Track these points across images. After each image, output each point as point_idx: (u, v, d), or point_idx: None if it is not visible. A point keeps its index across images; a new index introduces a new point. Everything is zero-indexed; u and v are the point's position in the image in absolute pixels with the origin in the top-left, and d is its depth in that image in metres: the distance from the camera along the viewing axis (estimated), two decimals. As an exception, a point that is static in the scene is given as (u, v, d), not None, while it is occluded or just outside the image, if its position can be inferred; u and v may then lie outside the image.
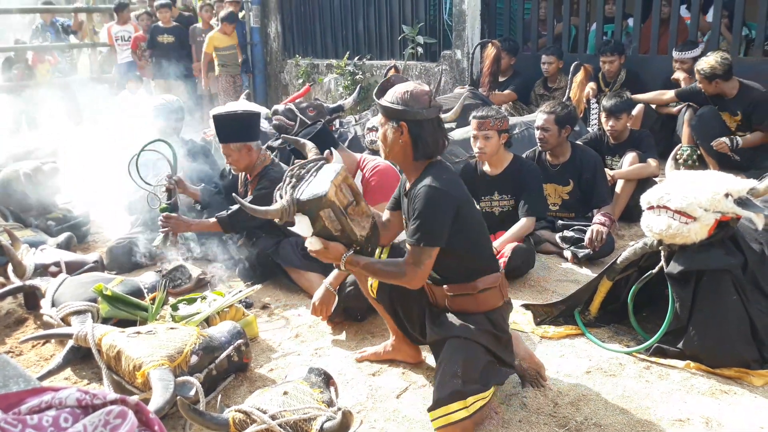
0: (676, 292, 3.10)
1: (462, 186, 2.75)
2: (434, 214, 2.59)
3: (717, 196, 2.98)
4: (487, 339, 2.71)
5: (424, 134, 2.67)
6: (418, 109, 2.65)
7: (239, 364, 3.10)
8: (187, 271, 4.25)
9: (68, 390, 1.19)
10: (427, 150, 2.70)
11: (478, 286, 2.74)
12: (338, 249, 2.71)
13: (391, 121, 2.69)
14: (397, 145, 2.70)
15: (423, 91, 2.69)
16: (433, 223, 2.60)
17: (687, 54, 6.26)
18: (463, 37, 8.30)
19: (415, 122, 2.66)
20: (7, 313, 3.93)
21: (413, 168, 2.75)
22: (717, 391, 2.88)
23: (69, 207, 5.50)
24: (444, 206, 2.60)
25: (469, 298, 2.77)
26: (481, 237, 2.81)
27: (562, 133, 4.68)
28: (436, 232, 2.60)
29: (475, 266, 2.76)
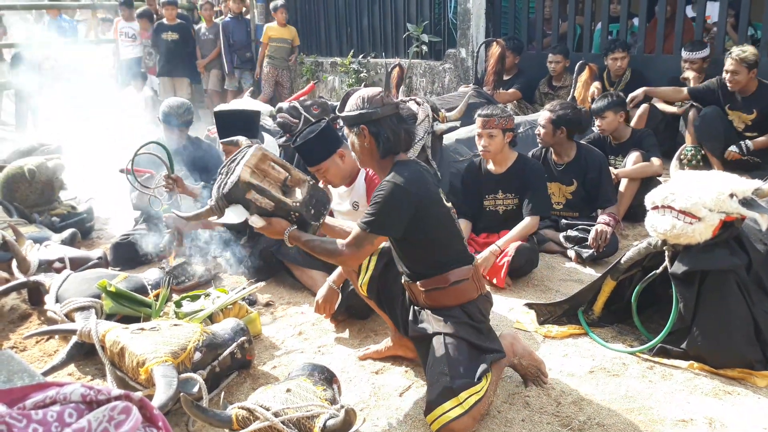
0: (680, 292, 3.09)
1: (425, 184, 2.79)
2: (387, 206, 2.68)
3: (722, 197, 2.97)
4: (467, 331, 2.76)
5: (383, 131, 2.78)
6: (373, 109, 2.78)
7: (242, 361, 3.10)
8: (191, 268, 4.26)
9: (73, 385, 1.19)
10: (389, 145, 2.80)
11: (450, 279, 2.81)
12: (280, 224, 2.82)
13: (353, 128, 2.82)
14: (364, 149, 2.84)
15: (375, 92, 2.83)
16: (384, 213, 2.68)
17: (697, 54, 6.24)
18: (468, 35, 8.29)
19: (372, 122, 2.78)
20: (11, 309, 3.94)
21: (383, 168, 2.85)
22: (720, 392, 2.88)
23: (73, 203, 5.51)
24: (399, 200, 2.68)
25: (442, 292, 2.82)
26: (447, 233, 2.86)
27: (557, 134, 4.67)
28: (385, 222, 2.69)
29: (443, 259, 2.83)
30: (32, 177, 5.13)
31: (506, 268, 4.03)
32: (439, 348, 2.71)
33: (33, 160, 5.32)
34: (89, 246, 5.09)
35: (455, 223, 2.91)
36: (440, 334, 2.75)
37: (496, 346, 2.81)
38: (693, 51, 6.26)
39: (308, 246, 2.80)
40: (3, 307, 3.93)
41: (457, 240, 2.90)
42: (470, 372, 2.64)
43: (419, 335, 2.86)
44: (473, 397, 2.58)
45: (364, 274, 3.04)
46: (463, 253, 2.91)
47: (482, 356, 2.73)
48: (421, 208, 2.72)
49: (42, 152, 6.03)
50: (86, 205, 5.59)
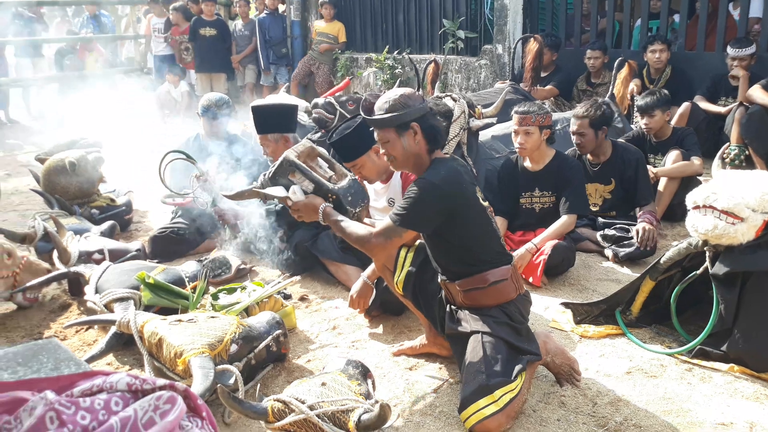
0: (721, 293, 3.03)
1: (461, 183, 2.77)
2: (419, 202, 2.68)
3: (766, 197, 2.90)
4: (506, 331, 2.74)
5: (434, 124, 2.81)
6: (420, 104, 2.77)
7: (277, 354, 3.12)
8: (227, 261, 4.29)
9: (119, 374, 1.21)
10: (440, 138, 2.83)
11: (489, 279, 2.79)
12: (316, 201, 2.92)
13: (401, 129, 2.76)
14: (412, 148, 2.79)
15: (410, 90, 2.83)
16: (415, 209, 2.69)
17: (744, 51, 6.11)
18: (505, 31, 8.23)
19: (422, 118, 2.77)
20: (52, 299, 4.02)
21: (421, 166, 2.84)
22: (762, 396, 2.82)
23: (112, 196, 5.59)
24: (431, 197, 2.68)
25: (481, 292, 2.80)
26: (484, 232, 2.84)
27: (600, 135, 4.60)
28: (415, 218, 2.71)
29: (480, 259, 2.81)
30: (73, 169, 5.21)
31: (542, 267, 4.00)
32: (476, 346, 2.70)
33: (74, 153, 5.41)
34: (128, 238, 5.17)
35: (492, 222, 2.89)
36: (478, 333, 2.73)
37: (533, 348, 2.78)
38: (740, 48, 6.13)
39: (339, 226, 2.84)
40: (44, 297, 4.01)
41: (495, 239, 2.88)
42: (507, 371, 2.63)
43: (456, 333, 2.85)
44: (508, 395, 2.57)
45: (400, 272, 3.02)
46: (501, 252, 2.89)
47: (519, 356, 2.71)
48: (456, 206, 2.72)
49: (82, 145, 6.12)
50: (125, 197, 5.67)
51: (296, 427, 2.40)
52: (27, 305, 3.84)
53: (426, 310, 3.07)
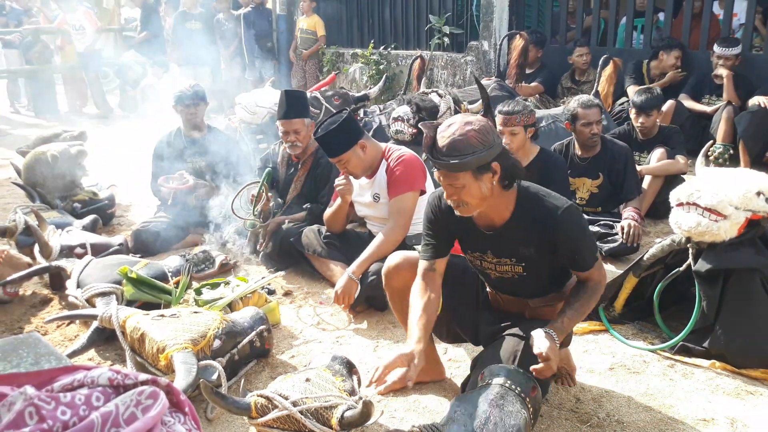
0: (704, 290, 3.06)
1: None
2: (587, 231, 2.50)
3: (748, 194, 2.94)
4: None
5: (512, 160, 2.39)
6: (498, 140, 2.33)
7: (261, 350, 3.11)
8: (211, 256, 4.27)
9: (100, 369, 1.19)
10: (520, 171, 2.42)
11: (565, 293, 2.57)
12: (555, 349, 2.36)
13: (479, 171, 2.29)
14: (486, 191, 2.34)
15: (485, 120, 2.36)
16: (592, 237, 2.53)
17: (731, 50, 6.16)
18: (491, 28, 8.24)
19: (502, 155, 2.33)
20: (33, 293, 3.98)
21: (504, 201, 2.43)
22: (743, 392, 2.85)
23: (95, 189, 5.54)
24: (583, 217, 2.51)
25: (552, 308, 2.60)
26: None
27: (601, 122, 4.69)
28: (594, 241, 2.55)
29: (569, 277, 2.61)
30: (55, 163, 5.17)
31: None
32: (509, 348, 2.44)
33: (56, 147, 5.36)
34: (110, 232, 5.13)
35: None
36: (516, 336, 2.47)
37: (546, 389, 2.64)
38: (727, 47, 6.17)
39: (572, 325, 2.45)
40: (25, 292, 3.97)
41: None
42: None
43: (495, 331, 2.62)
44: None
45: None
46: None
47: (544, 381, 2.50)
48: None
49: (65, 138, 6.06)
50: (108, 191, 5.62)
51: (279, 423, 2.39)
52: (7, 300, 3.80)
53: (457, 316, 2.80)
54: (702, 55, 6.64)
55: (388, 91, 9.00)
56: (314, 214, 4.37)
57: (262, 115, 6.45)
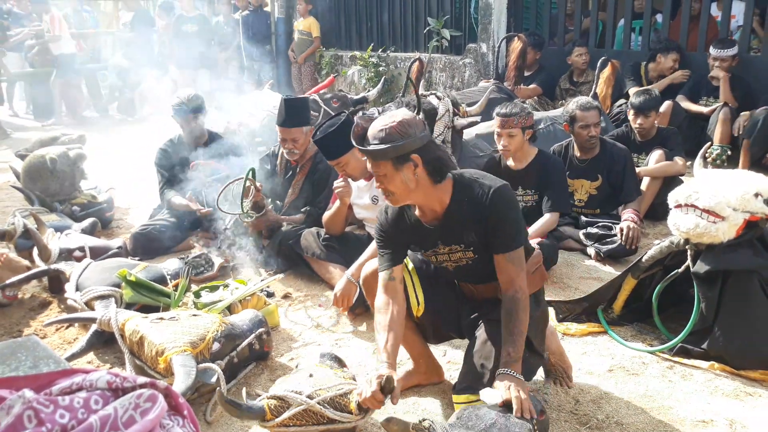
0: (702, 292, 3.06)
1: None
2: (516, 210, 2.49)
3: (746, 196, 2.94)
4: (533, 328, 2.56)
5: (437, 153, 2.46)
6: (421, 133, 2.40)
7: (260, 352, 3.11)
8: (210, 258, 4.27)
9: (99, 372, 1.19)
10: (446, 165, 2.48)
11: (530, 270, 2.59)
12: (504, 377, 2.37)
13: (398, 162, 2.37)
14: (414, 183, 2.41)
15: (411, 114, 2.45)
16: (519, 218, 2.50)
17: (726, 52, 6.17)
18: (489, 30, 8.25)
19: (424, 148, 2.40)
20: (32, 297, 3.98)
21: (437, 194, 2.48)
22: (741, 393, 2.85)
23: (93, 193, 5.54)
24: (514, 198, 2.51)
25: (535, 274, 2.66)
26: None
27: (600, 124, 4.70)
28: (524, 227, 2.54)
29: (528, 251, 2.63)
30: (54, 166, 5.16)
31: (537, 246, 4.01)
32: (490, 334, 2.51)
33: (55, 150, 5.35)
34: (109, 235, 5.12)
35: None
36: (495, 322, 2.51)
37: (541, 348, 2.68)
38: (723, 49, 6.18)
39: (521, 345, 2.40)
40: (24, 295, 3.96)
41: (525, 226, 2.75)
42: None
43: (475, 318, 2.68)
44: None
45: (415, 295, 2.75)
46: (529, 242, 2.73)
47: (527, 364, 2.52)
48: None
49: (63, 142, 6.06)
50: (106, 194, 5.62)
51: (296, 420, 2.39)
52: (6, 303, 3.80)
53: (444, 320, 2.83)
54: (700, 57, 6.65)
55: (387, 93, 9.01)
56: (313, 216, 4.37)
57: (261, 117, 6.45)
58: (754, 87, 6.23)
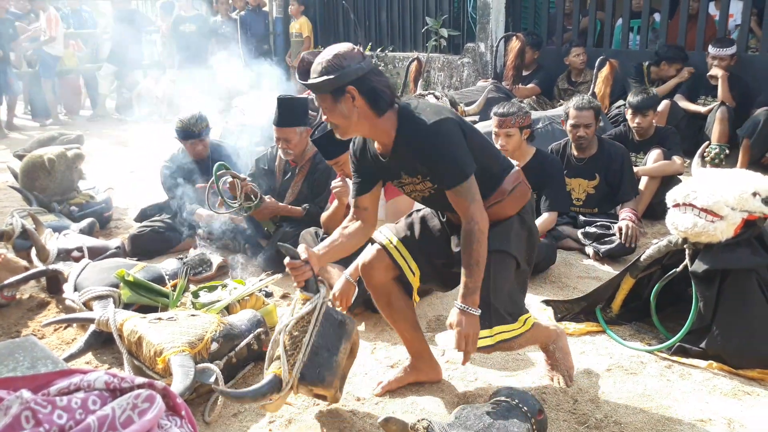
0: (701, 291, 3.06)
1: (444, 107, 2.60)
2: (454, 145, 2.44)
3: (744, 195, 2.94)
4: (517, 244, 2.62)
5: (376, 85, 2.44)
6: (357, 65, 2.40)
7: (259, 352, 3.11)
8: (208, 259, 4.27)
9: (96, 373, 1.19)
10: (387, 97, 2.47)
11: (507, 189, 2.60)
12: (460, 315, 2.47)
13: (336, 95, 2.41)
14: (355, 114, 2.44)
15: (349, 47, 2.46)
16: (460, 153, 2.44)
17: (725, 51, 6.17)
18: (487, 29, 8.26)
19: (360, 79, 2.40)
20: (30, 297, 3.98)
21: (383, 126, 2.50)
22: (740, 392, 2.85)
23: (92, 193, 5.54)
24: (455, 133, 2.45)
25: (501, 204, 2.62)
26: (487, 143, 2.67)
27: (598, 124, 4.70)
28: (467, 158, 2.45)
29: (496, 172, 2.62)
30: (52, 167, 5.16)
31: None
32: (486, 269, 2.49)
33: (53, 150, 5.35)
34: (107, 236, 5.12)
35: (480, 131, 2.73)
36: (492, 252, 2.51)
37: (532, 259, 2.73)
38: (722, 48, 6.19)
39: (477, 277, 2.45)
40: (22, 295, 3.96)
41: (494, 147, 2.74)
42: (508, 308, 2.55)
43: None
44: (504, 334, 2.52)
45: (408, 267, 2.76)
46: (505, 158, 2.73)
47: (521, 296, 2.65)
48: (463, 129, 2.52)
49: (62, 142, 6.06)
50: (104, 195, 5.62)
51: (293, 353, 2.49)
52: (4, 303, 3.80)
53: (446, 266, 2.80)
54: (698, 56, 6.65)
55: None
56: (311, 215, 4.36)
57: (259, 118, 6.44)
58: (752, 86, 6.24)
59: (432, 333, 3.44)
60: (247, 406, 2.82)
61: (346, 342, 2.59)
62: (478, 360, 3.15)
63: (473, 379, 2.99)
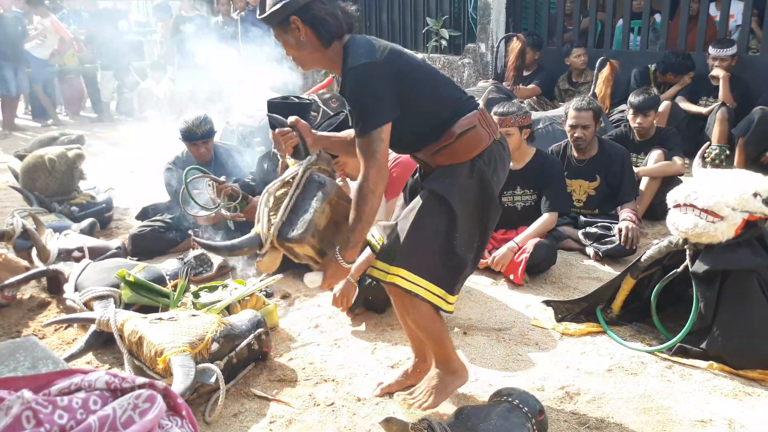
0: (701, 291, 3.06)
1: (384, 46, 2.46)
2: (367, 95, 2.38)
3: (745, 195, 2.94)
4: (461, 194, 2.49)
5: (318, 14, 2.41)
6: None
7: (259, 352, 3.11)
8: (209, 259, 4.27)
9: (97, 373, 1.19)
10: (329, 28, 2.43)
11: (455, 132, 2.48)
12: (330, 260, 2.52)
13: (283, 26, 2.44)
14: (305, 47, 2.46)
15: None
16: (372, 103, 2.37)
17: (725, 51, 6.17)
18: (488, 30, 8.26)
19: (302, 8, 2.40)
20: (31, 297, 3.98)
21: (331, 58, 2.50)
22: (740, 393, 2.85)
23: (92, 193, 5.54)
24: (374, 81, 2.37)
25: (451, 148, 2.51)
26: (437, 84, 2.55)
27: (598, 125, 4.69)
28: (377, 111, 2.38)
29: (444, 115, 2.51)
30: (52, 167, 5.16)
31: (524, 265, 4.01)
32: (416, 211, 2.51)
33: (53, 150, 5.35)
34: (108, 236, 5.12)
35: (438, 71, 2.64)
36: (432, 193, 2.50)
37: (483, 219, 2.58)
38: (722, 48, 6.19)
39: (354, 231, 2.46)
40: (23, 295, 3.96)
41: (451, 88, 2.60)
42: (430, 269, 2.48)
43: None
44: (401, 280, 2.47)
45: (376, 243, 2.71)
46: (463, 100, 2.58)
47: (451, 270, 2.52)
48: (400, 72, 2.43)
49: (62, 142, 6.06)
50: (105, 195, 5.62)
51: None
52: (5, 303, 3.80)
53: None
54: (698, 57, 6.65)
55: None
56: None
57: (260, 118, 6.45)
58: (753, 87, 6.24)
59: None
60: (248, 406, 2.82)
61: (322, 202, 2.55)
62: (478, 360, 3.16)
63: (474, 379, 2.99)
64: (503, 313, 3.66)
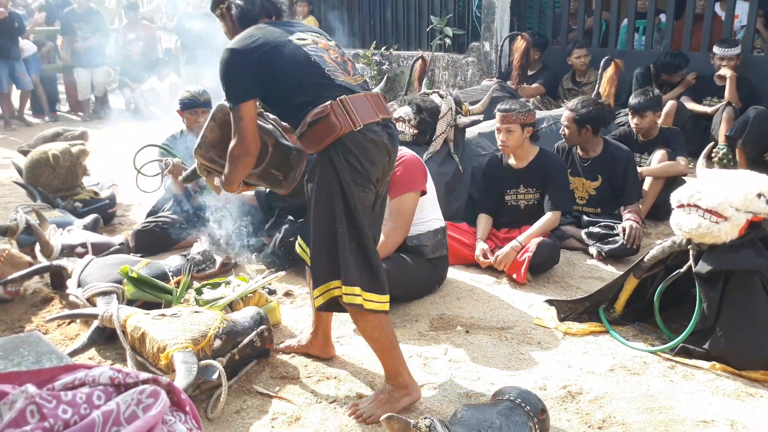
0: (704, 292, 3.06)
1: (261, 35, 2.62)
2: (229, 73, 2.62)
3: (749, 196, 2.93)
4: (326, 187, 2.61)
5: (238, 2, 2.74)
6: None
7: (262, 349, 3.11)
8: (211, 255, 4.27)
9: (101, 368, 1.19)
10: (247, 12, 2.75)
11: (307, 122, 2.58)
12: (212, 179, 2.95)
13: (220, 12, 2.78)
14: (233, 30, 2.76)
15: None
16: (232, 81, 2.62)
17: (731, 51, 6.17)
18: (492, 29, 8.25)
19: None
20: (34, 293, 3.98)
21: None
22: (743, 393, 2.85)
23: (96, 189, 5.55)
24: (232, 64, 2.61)
25: (305, 137, 2.63)
26: (300, 72, 2.62)
27: (583, 132, 4.65)
28: (238, 89, 2.62)
29: (302, 102, 2.61)
30: (56, 162, 5.17)
31: (527, 264, 4.01)
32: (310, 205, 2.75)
33: (57, 146, 5.36)
34: (111, 232, 5.13)
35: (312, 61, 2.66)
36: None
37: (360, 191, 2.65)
38: (728, 48, 6.19)
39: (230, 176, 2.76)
40: (26, 291, 3.96)
41: (316, 76, 2.63)
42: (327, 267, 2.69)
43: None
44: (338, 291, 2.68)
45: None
46: (328, 87, 2.64)
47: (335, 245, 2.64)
48: (262, 60, 2.58)
49: (66, 137, 6.06)
50: (109, 191, 5.63)
51: None
52: (8, 298, 3.80)
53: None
54: (703, 57, 6.64)
55: (390, 91, 9.01)
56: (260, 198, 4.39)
57: (263, 115, 6.45)
58: (758, 87, 6.22)
59: (435, 332, 3.44)
60: (250, 402, 2.82)
61: (210, 120, 2.89)
62: (480, 359, 3.16)
63: (476, 378, 2.99)
64: (506, 312, 3.66)
